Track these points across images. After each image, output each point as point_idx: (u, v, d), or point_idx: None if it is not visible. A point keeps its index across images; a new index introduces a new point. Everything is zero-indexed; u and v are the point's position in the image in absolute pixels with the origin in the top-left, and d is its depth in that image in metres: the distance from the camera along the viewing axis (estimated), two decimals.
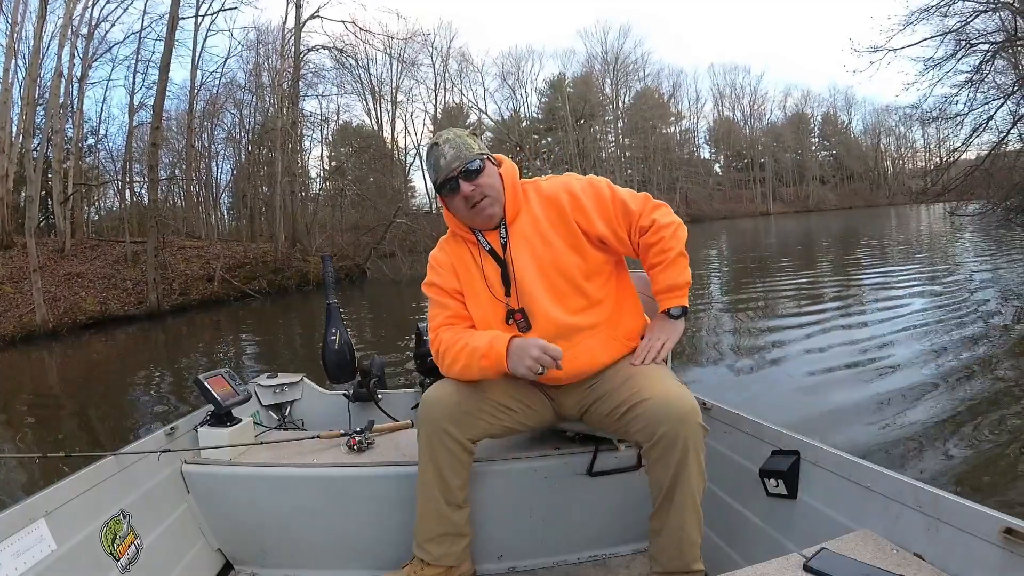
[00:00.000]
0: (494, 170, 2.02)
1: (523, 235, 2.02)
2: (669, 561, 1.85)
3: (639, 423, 1.79)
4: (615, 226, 1.99)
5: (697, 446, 1.74)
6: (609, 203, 2.00)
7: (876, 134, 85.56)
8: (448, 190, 1.98)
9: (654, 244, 1.98)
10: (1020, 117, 18.29)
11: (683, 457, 1.73)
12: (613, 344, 2.03)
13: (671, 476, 1.76)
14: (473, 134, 2.04)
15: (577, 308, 2.00)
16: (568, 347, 1.93)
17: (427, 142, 2.01)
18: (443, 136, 2.00)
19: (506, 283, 2.02)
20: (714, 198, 74.90)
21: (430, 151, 2.00)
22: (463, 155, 1.95)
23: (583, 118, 69.74)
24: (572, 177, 2.10)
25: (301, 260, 23.14)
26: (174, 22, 19.35)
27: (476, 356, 1.92)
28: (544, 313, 1.97)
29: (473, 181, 1.95)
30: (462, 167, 1.94)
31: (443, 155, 1.95)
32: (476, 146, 1.99)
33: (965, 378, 5.59)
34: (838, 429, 4.52)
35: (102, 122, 31.84)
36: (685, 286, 2.02)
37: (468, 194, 1.94)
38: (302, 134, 32.23)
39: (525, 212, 2.05)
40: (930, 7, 18.40)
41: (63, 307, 16.16)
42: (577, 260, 1.99)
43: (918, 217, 41.06)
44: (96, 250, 21.49)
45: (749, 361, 7.10)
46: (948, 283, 11.56)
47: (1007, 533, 1.23)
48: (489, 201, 1.97)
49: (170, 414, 6.78)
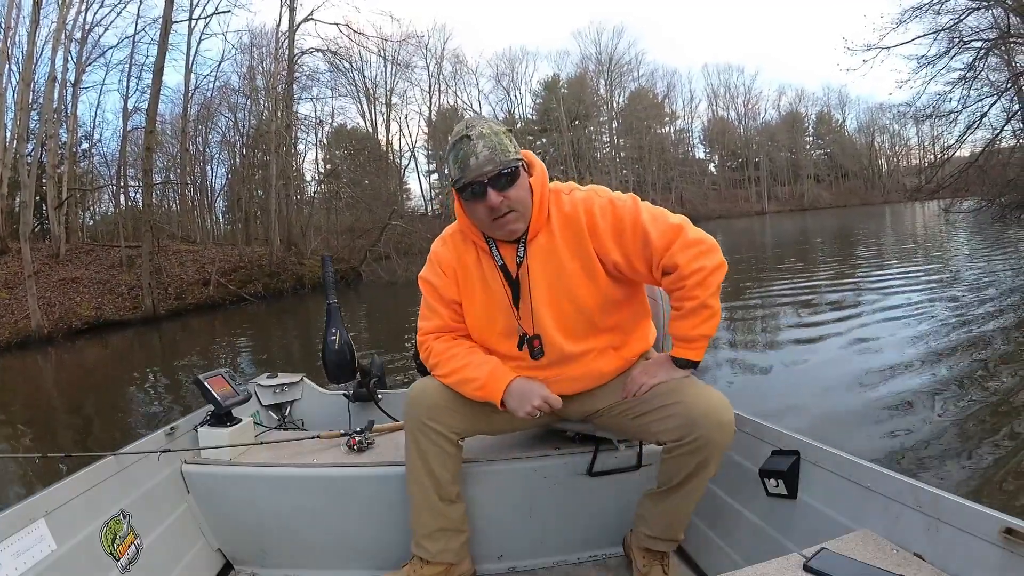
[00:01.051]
0: (526, 180, 1.81)
1: (540, 256, 1.86)
2: (660, 530, 2.01)
3: (671, 422, 1.77)
4: (631, 256, 1.80)
5: (722, 451, 1.77)
6: (628, 230, 1.78)
7: (870, 132, 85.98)
8: (471, 194, 1.75)
9: (675, 290, 1.78)
10: (1014, 114, 18.38)
11: (706, 460, 1.76)
12: (618, 360, 1.99)
13: (687, 473, 1.80)
14: (509, 131, 1.81)
15: (584, 335, 1.92)
16: (572, 368, 1.94)
17: (458, 130, 1.76)
18: (477, 129, 1.73)
19: (515, 303, 1.91)
20: (709, 198, 74.91)
21: (458, 142, 1.74)
22: (498, 158, 1.71)
23: (578, 119, 69.90)
24: (595, 194, 1.87)
25: (296, 263, 23.16)
26: (167, 26, 19.37)
27: (471, 385, 1.90)
28: (551, 341, 1.90)
29: (503, 192, 1.73)
30: (495, 172, 1.71)
31: (475, 153, 1.70)
32: (512, 148, 1.75)
33: (964, 375, 5.61)
34: (837, 429, 4.52)
35: (96, 126, 31.78)
36: (700, 339, 1.82)
37: (495, 205, 1.73)
38: (296, 137, 32.27)
39: (545, 231, 1.85)
40: (923, 5, 18.47)
41: (58, 312, 16.15)
42: (591, 290, 1.85)
43: (913, 215, 41.10)
44: (91, 255, 21.47)
45: (747, 360, 7.10)
46: (944, 281, 11.58)
47: (1007, 533, 1.22)
48: (515, 216, 1.78)
49: (163, 419, 6.74)
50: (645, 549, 2.07)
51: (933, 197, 24.14)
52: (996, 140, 19.21)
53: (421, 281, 2.05)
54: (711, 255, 1.75)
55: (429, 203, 60.73)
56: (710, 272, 1.74)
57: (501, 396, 1.86)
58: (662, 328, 2.19)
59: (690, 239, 1.75)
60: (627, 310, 1.97)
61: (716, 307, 1.78)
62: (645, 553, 2.07)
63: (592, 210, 1.82)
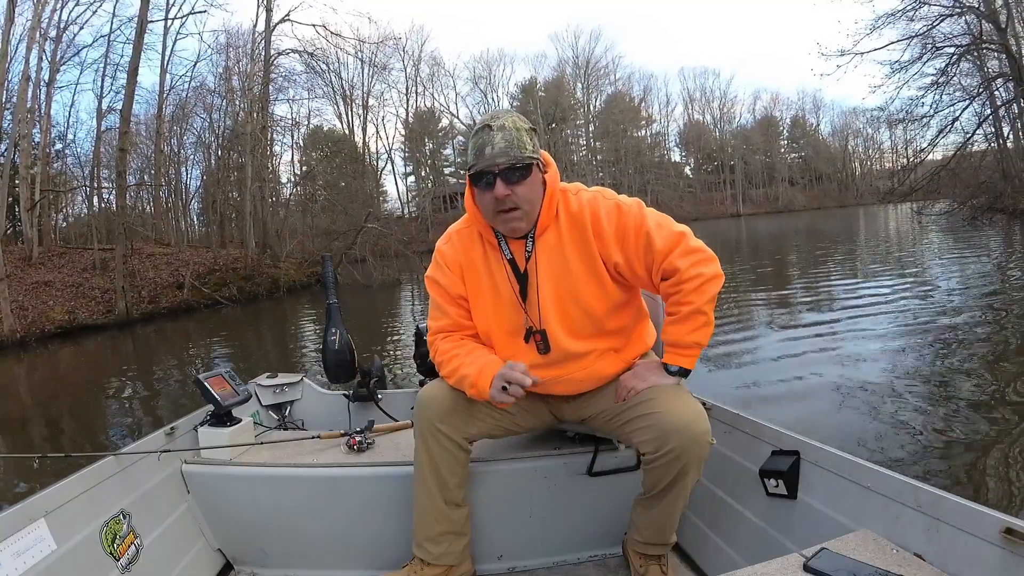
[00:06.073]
0: (539, 179, 1.82)
1: (547, 253, 1.87)
2: (650, 536, 2.02)
3: (647, 433, 1.78)
4: (632, 259, 1.82)
5: (701, 460, 1.77)
6: (632, 235, 1.80)
7: (844, 136, 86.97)
8: (483, 184, 1.78)
9: (672, 294, 1.81)
10: (985, 118, 18.73)
11: (683, 470, 1.77)
12: (618, 362, 2.00)
13: (668, 481, 1.81)
14: (532, 130, 1.83)
15: (587, 336, 1.93)
16: (574, 369, 1.95)
17: (483, 119, 1.82)
18: (499, 121, 1.77)
19: (522, 298, 1.92)
20: (685, 200, 75.20)
21: (480, 131, 1.77)
22: (512, 152, 1.73)
23: (555, 122, 70.08)
24: (601, 196, 1.89)
25: (272, 266, 23.02)
26: (143, 25, 19.20)
27: (466, 383, 1.89)
28: (555, 338, 1.91)
29: (512, 185, 1.75)
30: (507, 164, 1.73)
31: (491, 143, 1.73)
32: (530, 145, 1.77)
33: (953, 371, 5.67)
34: (835, 430, 4.53)
35: (70, 127, 31.30)
36: (692, 347, 1.83)
37: (501, 196, 1.75)
38: (272, 139, 32.11)
39: (553, 228, 1.88)
40: (896, 11, 18.80)
41: (31, 316, 15.92)
42: (595, 291, 1.87)
43: (886, 217, 41.54)
44: (64, 258, 21.21)
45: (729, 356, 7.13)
46: (920, 281, 11.70)
47: (1007, 533, 1.23)
48: (520, 214, 1.80)
49: (142, 424, 6.74)
50: (641, 553, 2.08)
51: (905, 199, 24.49)
52: (968, 144, 19.57)
53: (427, 281, 2.06)
54: (710, 264, 1.79)
55: (405, 205, 60.64)
56: (708, 279, 1.77)
57: (488, 391, 1.84)
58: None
59: (691, 246, 1.79)
60: (629, 313, 1.99)
61: (710, 316, 1.81)
62: (641, 556, 2.08)
63: (598, 213, 1.84)
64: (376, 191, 46.55)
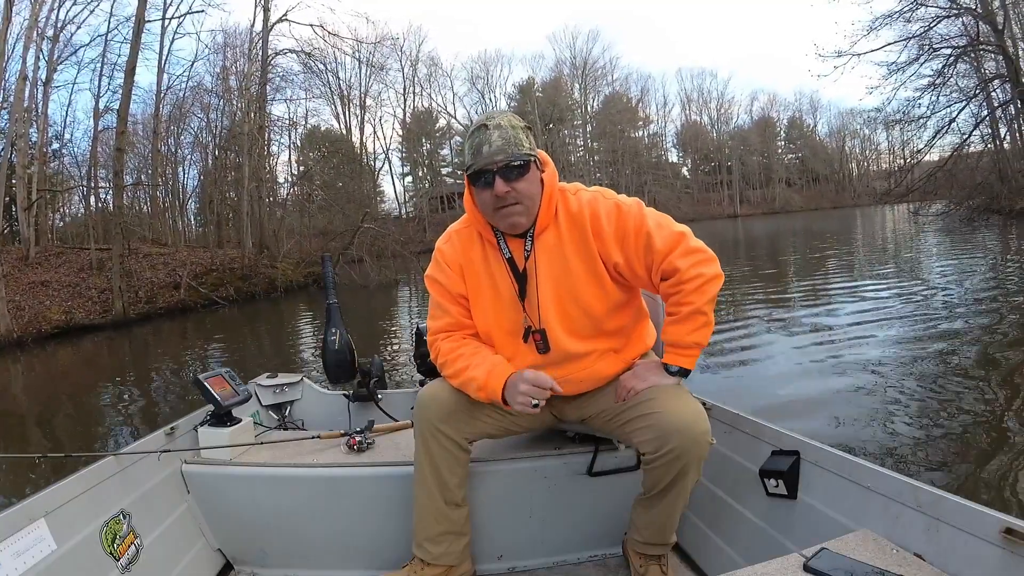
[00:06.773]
0: (537, 177, 1.83)
1: (547, 253, 1.87)
2: (650, 536, 2.02)
3: (647, 433, 1.78)
4: (632, 259, 1.82)
5: (700, 460, 1.77)
6: (632, 234, 1.81)
7: (841, 137, 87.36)
8: (482, 182, 1.79)
9: (672, 294, 1.81)
10: (982, 119, 18.76)
11: (683, 470, 1.77)
12: (618, 363, 2.00)
13: (668, 481, 1.81)
14: (528, 128, 1.84)
15: (586, 336, 1.93)
16: (574, 370, 1.95)
17: (479, 119, 1.82)
18: (495, 120, 1.78)
19: (521, 297, 1.91)
20: (682, 201, 75.27)
21: (476, 130, 1.78)
22: (509, 149, 1.74)
23: (552, 123, 70.11)
24: (601, 196, 1.89)
25: (269, 266, 22.97)
26: (140, 24, 19.14)
27: (473, 386, 1.89)
28: (555, 338, 1.91)
29: (511, 182, 1.75)
30: (505, 162, 1.74)
31: (488, 141, 1.74)
32: (527, 143, 1.79)
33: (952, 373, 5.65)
34: (835, 430, 4.53)
35: (67, 126, 31.34)
36: (692, 347, 1.83)
37: (501, 194, 1.75)
38: (270, 139, 32.08)
39: (552, 227, 1.88)
40: (894, 12, 18.84)
41: (28, 316, 15.88)
42: (595, 291, 1.87)
43: (883, 217, 41.58)
44: (61, 257, 21.13)
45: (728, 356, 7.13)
46: (918, 281, 11.72)
47: (1007, 533, 1.23)
48: (520, 209, 1.80)
49: (138, 424, 6.73)
50: (641, 553, 2.08)
51: (902, 200, 24.54)
52: (965, 145, 19.60)
53: (428, 280, 2.05)
54: (710, 264, 1.79)
55: (403, 206, 60.68)
56: (708, 280, 1.77)
57: (501, 394, 1.85)
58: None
59: (692, 247, 1.79)
60: (629, 314, 1.99)
61: (710, 317, 1.81)
62: (641, 556, 2.08)
63: (598, 212, 1.84)
64: (373, 191, 46.67)
